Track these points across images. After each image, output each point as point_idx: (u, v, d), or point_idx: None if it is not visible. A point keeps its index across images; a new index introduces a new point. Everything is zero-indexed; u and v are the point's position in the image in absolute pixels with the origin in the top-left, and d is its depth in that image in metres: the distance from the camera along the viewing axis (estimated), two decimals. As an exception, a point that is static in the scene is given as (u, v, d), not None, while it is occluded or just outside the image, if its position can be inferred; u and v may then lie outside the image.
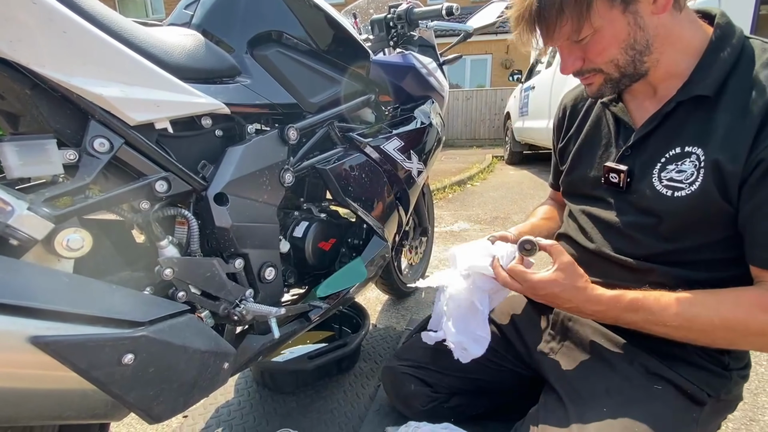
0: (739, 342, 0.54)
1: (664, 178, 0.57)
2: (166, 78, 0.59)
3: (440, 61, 1.35)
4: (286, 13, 0.80)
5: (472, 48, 10.41)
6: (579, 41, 0.55)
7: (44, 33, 0.45)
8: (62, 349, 0.39)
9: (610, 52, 0.55)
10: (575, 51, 0.57)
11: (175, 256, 0.61)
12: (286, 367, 1.10)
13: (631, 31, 0.53)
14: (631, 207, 0.62)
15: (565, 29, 0.53)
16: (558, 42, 0.57)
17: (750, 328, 0.51)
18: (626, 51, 0.55)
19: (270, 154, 0.74)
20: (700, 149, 0.54)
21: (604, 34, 0.53)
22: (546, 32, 0.55)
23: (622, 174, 0.62)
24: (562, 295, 0.58)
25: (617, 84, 0.59)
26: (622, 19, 0.52)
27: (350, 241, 1.02)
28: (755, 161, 0.49)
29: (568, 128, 0.77)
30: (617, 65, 0.56)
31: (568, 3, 0.51)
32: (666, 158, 0.58)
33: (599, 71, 0.58)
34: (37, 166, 0.47)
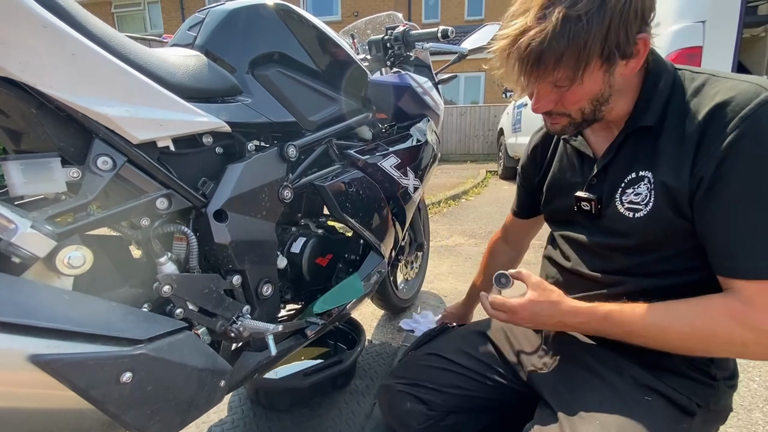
0: (713, 350, 0.57)
1: (625, 201, 0.62)
2: (169, 97, 0.60)
3: (435, 80, 1.38)
4: (286, 35, 0.82)
5: (466, 66, 10.63)
6: (559, 87, 0.58)
7: (53, 55, 0.46)
8: (62, 368, 0.39)
9: (582, 102, 0.59)
10: (551, 94, 0.60)
11: (174, 272, 0.61)
12: (280, 385, 1.08)
13: (602, 88, 0.58)
14: (601, 229, 0.67)
15: (555, 76, 0.55)
16: (541, 85, 0.59)
17: (718, 335, 0.53)
18: (592, 102, 0.60)
19: (269, 172, 0.75)
20: (650, 172, 0.59)
21: (584, 87, 0.57)
22: (536, 75, 0.56)
23: (592, 202, 0.67)
24: (542, 312, 0.63)
25: (578, 127, 0.64)
26: (601, 78, 0.57)
27: (347, 256, 1.02)
28: (697, 179, 0.54)
29: (541, 164, 0.83)
30: (582, 113, 0.61)
31: (569, 56, 0.52)
32: (625, 183, 0.63)
33: (567, 116, 0.62)
34: (40, 183, 0.47)
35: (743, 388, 1.19)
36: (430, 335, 0.93)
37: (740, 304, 0.52)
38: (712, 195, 0.53)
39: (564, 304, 0.63)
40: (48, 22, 0.46)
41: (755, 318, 0.51)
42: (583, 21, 0.50)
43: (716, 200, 0.53)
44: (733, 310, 0.52)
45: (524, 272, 0.68)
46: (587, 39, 0.51)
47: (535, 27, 0.52)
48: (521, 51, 0.54)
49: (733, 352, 0.57)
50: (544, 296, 0.64)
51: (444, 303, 1.84)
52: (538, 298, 0.64)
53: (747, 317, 0.51)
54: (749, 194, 0.51)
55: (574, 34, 0.51)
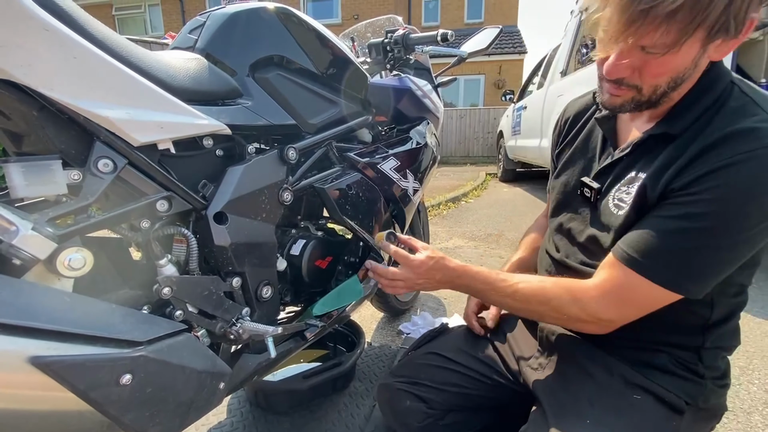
0: (546, 316, 0.65)
1: (616, 198, 0.62)
2: (170, 100, 0.60)
3: (435, 83, 1.39)
4: (286, 38, 0.82)
5: (466, 68, 10.66)
6: (649, 53, 0.50)
7: (55, 58, 0.47)
8: (62, 370, 0.39)
9: (663, 77, 0.52)
10: (635, 60, 0.52)
11: (174, 274, 0.62)
12: (280, 387, 1.08)
13: (689, 66, 0.51)
14: (593, 221, 0.67)
15: (655, 36, 0.47)
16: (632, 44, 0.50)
17: (553, 305, 0.62)
18: (670, 81, 0.53)
19: (269, 174, 0.75)
20: (644, 175, 0.58)
21: (675, 59, 0.50)
22: (638, 28, 0.47)
23: (593, 191, 0.66)
24: (434, 267, 0.70)
25: (638, 107, 0.57)
26: (695, 53, 0.50)
27: (347, 259, 1.02)
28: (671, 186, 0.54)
29: (566, 135, 0.80)
30: (654, 91, 0.54)
31: (681, 17, 0.45)
32: (623, 180, 0.62)
33: (637, 89, 0.55)
34: (42, 186, 0.47)
35: (743, 391, 1.19)
36: (430, 335, 0.93)
37: (586, 284, 0.60)
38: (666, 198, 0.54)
39: (447, 260, 0.70)
40: (49, 25, 0.46)
41: (588, 297, 0.59)
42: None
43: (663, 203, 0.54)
44: (574, 288, 0.61)
45: (413, 239, 0.75)
46: (710, 3, 0.44)
47: None
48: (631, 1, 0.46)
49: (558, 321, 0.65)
50: (434, 253, 0.71)
51: (443, 305, 1.84)
52: (431, 254, 0.70)
53: (581, 294, 0.59)
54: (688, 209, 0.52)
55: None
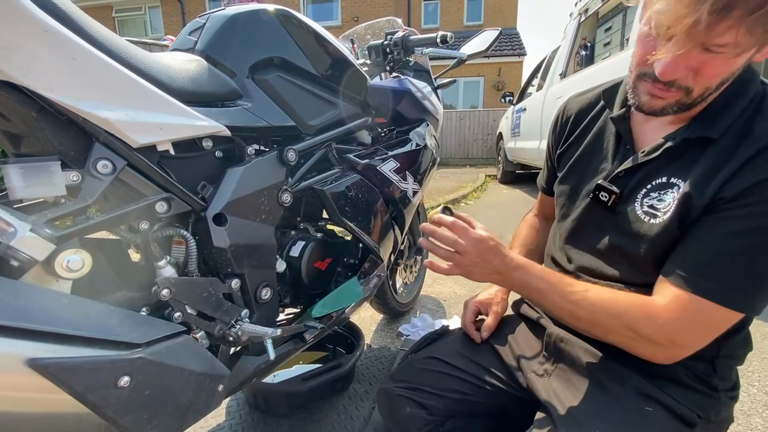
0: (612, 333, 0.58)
1: (646, 204, 0.59)
2: (169, 102, 0.60)
3: (435, 85, 1.39)
4: (286, 40, 0.82)
5: (466, 70, 10.69)
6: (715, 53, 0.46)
7: (54, 60, 0.47)
8: (60, 372, 0.39)
9: (719, 78, 0.50)
10: (693, 61, 0.48)
11: (173, 276, 0.61)
12: (279, 389, 1.08)
13: (740, 68, 0.49)
14: (612, 227, 0.63)
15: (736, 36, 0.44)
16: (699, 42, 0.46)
17: (623, 321, 0.55)
18: (721, 83, 0.51)
19: (269, 175, 0.75)
20: (682, 182, 0.55)
21: (736, 61, 0.47)
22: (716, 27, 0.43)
23: (614, 195, 0.62)
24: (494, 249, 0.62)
25: (681, 109, 0.54)
26: (747, 56, 0.47)
27: (346, 260, 1.02)
28: (717, 198, 0.51)
29: (569, 135, 0.76)
30: (703, 94, 0.52)
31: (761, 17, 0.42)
32: (652, 185, 0.59)
33: (686, 92, 0.52)
34: (40, 187, 0.47)
35: (743, 393, 1.19)
36: (430, 338, 0.93)
37: (656, 304, 0.54)
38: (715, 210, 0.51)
39: (506, 249, 0.63)
40: (49, 27, 0.46)
41: (664, 320, 0.53)
42: None
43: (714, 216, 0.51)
44: (648, 305, 0.54)
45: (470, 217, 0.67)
46: None
47: None
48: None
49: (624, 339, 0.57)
50: (492, 239, 0.63)
51: (443, 307, 1.84)
52: (491, 235, 0.63)
53: (657, 315, 0.53)
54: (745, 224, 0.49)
55: None
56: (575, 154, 0.73)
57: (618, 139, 0.66)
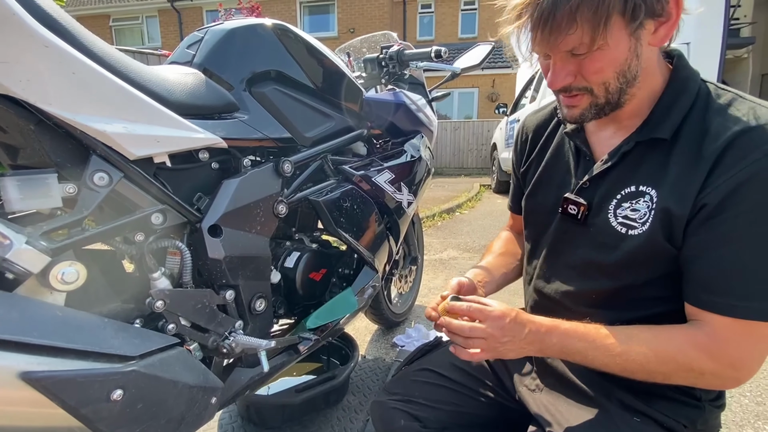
0: (673, 376, 0.55)
1: (620, 215, 0.58)
2: (166, 114, 0.61)
3: (429, 97, 1.41)
4: (283, 54, 0.84)
5: (460, 82, 10.82)
6: (578, 55, 0.51)
7: (54, 74, 0.47)
8: (53, 386, 0.39)
9: (605, 73, 0.52)
10: (569, 65, 0.53)
11: (167, 288, 0.61)
12: (272, 401, 1.07)
13: (629, 57, 0.51)
14: (586, 240, 0.62)
15: (571, 38, 0.48)
16: (556, 51, 0.51)
17: (680, 362, 0.53)
18: (618, 77, 0.52)
19: (264, 187, 0.76)
20: (653, 190, 0.55)
21: (607, 53, 0.49)
22: (549, 38, 0.48)
23: (582, 207, 0.62)
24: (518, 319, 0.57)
25: (600, 111, 0.56)
26: (626, 42, 0.49)
27: (341, 271, 1.03)
28: (699, 205, 0.50)
29: (530, 152, 0.77)
30: (607, 89, 0.53)
31: (584, 11, 0.46)
32: (622, 195, 0.58)
33: (589, 92, 0.55)
34: (37, 199, 0.48)
35: (735, 404, 1.19)
36: (423, 349, 0.92)
37: (704, 335, 0.52)
38: (711, 225, 0.50)
39: (531, 315, 0.58)
40: (50, 42, 0.47)
41: (719, 349, 0.51)
42: None
43: (713, 231, 0.50)
44: (697, 339, 0.52)
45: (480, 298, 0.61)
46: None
47: None
48: (533, 10, 0.47)
49: (688, 380, 0.55)
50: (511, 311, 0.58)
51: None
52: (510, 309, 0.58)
53: (710, 348, 0.51)
54: (748, 234, 0.48)
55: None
56: (538, 170, 0.73)
57: (577, 151, 0.67)
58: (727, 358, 0.52)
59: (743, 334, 0.51)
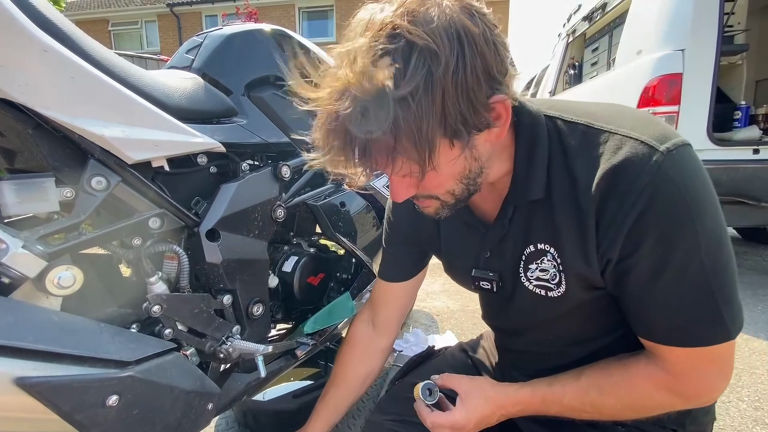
0: (645, 415, 0.56)
1: (532, 278, 0.56)
2: (165, 119, 0.61)
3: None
4: (282, 59, 0.84)
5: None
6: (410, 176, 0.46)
7: (53, 79, 0.47)
8: (47, 391, 0.38)
9: (446, 185, 0.50)
10: (406, 181, 0.49)
11: (164, 292, 0.61)
12: (269, 407, 1.06)
13: (467, 165, 0.48)
14: (513, 307, 0.61)
15: (397, 167, 0.44)
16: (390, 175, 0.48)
17: (648, 406, 0.53)
18: (461, 181, 0.50)
19: (263, 191, 0.76)
20: (552, 248, 0.54)
21: (442, 171, 0.46)
22: (371, 166, 0.44)
23: (493, 282, 0.61)
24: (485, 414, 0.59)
25: (454, 207, 0.54)
26: (460, 156, 0.47)
27: (339, 275, 1.02)
28: (604, 260, 0.49)
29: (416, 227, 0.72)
30: (453, 194, 0.52)
31: (404, 147, 0.41)
32: (525, 257, 0.56)
33: (435, 198, 0.53)
34: (34, 203, 0.47)
35: (733, 408, 1.19)
36: (416, 361, 0.91)
37: (663, 372, 0.51)
38: (622, 271, 0.49)
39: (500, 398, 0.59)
40: (49, 47, 0.47)
41: (680, 386, 0.51)
42: (409, 103, 0.39)
43: (626, 276, 0.49)
44: (658, 380, 0.52)
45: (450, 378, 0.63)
46: (419, 126, 0.40)
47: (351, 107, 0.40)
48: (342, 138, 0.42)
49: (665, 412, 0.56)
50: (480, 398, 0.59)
51: (435, 322, 1.83)
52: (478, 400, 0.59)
53: (672, 385, 0.51)
54: (658, 269, 0.47)
55: (401, 123, 0.40)
56: (441, 241, 0.69)
57: (466, 224, 0.64)
58: (691, 391, 0.52)
59: (697, 362, 0.50)
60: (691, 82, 2.01)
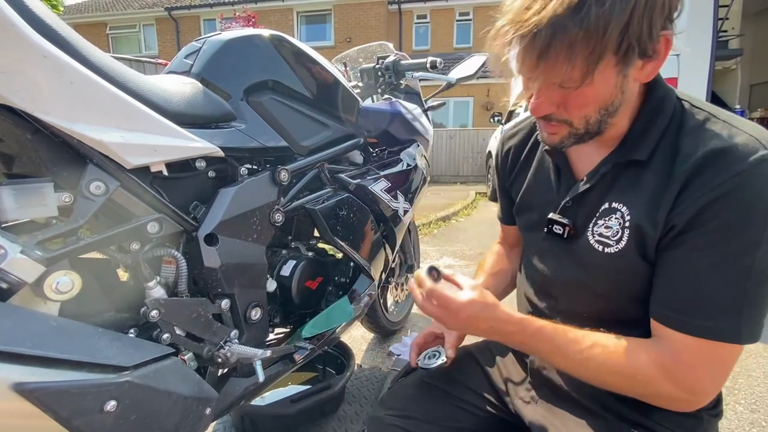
0: (626, 388, 0.55)
1: (596, 233, 0.58)
2: (164, 124, 0.62)
3: (425, 107, 1.43)
4: (280, 64, 0.85)
5: (455, 91, 10.91)
6: (564, 87, 0.50)
7: (52, 84, 0.48)
8: (46, 397, 0.38)
9: (588, 108, 0.52)
10: (554, 95, 0.52)
11: (162, 297, 0.61)
12: (267, 411, 1.06)
13: (614, 94, 0.51)
14: (572, 260, 0.62)
15: (562, 72, 0.47)
16: (546, 82, 0.51)
17: (638, 378, 0.53)
18: (600, 111, 0.52)
19: (261, 195, 0.76)
20: (624, 207, 0.55)
21: (593, 89, 0.49)
22: (539, 68, 0.48)
23: (567, 227, 0.62)
24: (479, 314, 0.57)
25: (579, 140, 0.56)
26: (614, 80, 0.49)
27: (337, 279, 1.03)
28: (669, 225, 0.51)
29: (511, 169, 0.77)
30: (587, 122, 0.54)
31: (580, 48, 0.45)
32: (599, 213, 0.58)
33: (568, 124, 0.55)
34: (32, 208, 0.47)
35: (730, 411, 1.20)
36: None
37: (669, 357, 0.52)
38: (677, 244, 0.51)
39: (499, 310, 0.58)
40: (48, 52, 0.48)
41: (681, 373, 0.51)
42: (604, 2, 0.42)
43: (680, 249, 0.50)
44: (661, 358, 0.52)
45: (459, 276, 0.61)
46: (606, 24, 0.43)
47: (543, 4, 0.44)
48: (525, 35, 0.45)
49: (642, 396, 0.55)
50: (482, 297, 0.58)
51: (434, 326, 1.83)
52: (478, 298, 0.57)
53: (672, 369, 0.51)
54: (711, 253, 0.48)
55: (591, 16, 0.43)
56: (522, 187, 0.73)
57: (558, 169, 0.67)
58: (687, 383, 0.51)
59: (704, 356, 0.50)
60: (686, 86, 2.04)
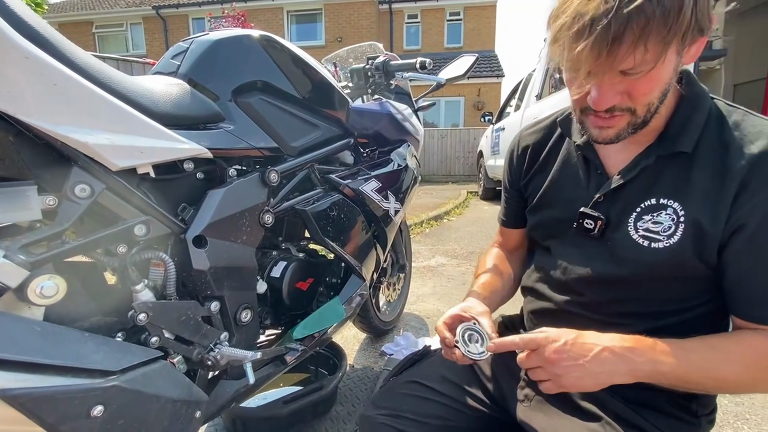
0: (760, 387, 0.54)
1: (641, 228, 0.57)
2: (150, 125, 0.61)
3: (415, 107, 1.43)
4: (269, 64, 0.84)
5: (446, 90, 10.98)
6: (629, 75, 0.48)
7: (35, 85, 0.47)
8: (30, 403, 0.38)
9: (653, 94, 0.50)
10: (619, 84, 0.50)
11: (150, 300, 0.61)
12: (258, 414, 1.05)
13: (673, 76, 0.50)
14: (603, 254, 0.61)
15: (637, 57, 0.45)
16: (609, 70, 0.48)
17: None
18: (660, 96, 0.51)
19: (250, 197, 0.76)
20: (677, 203, 0.55)
21: (660, 72, 0.48)
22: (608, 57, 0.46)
23: (599, 222, 0.61)
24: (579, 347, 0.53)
25: (636, 129, 0.54)
26: (674, 62, 0.48)
27: (328, 280, 1.02)
28: (736, 225, 0.51)
29: (529, 167, 0.76)
30: (648, 109, 0.52)
31: (657, 29, 0.43)
32: (641, 208, 0.58)
33: (631, 112, 0.53)
34: (15, 212, 0.47)
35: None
36: (412, 359, 0.92)
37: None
38: (756, 243, 0.50)
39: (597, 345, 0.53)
40: (30, 53, 0.47)
41: None
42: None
43: (760, 249, 0.50)
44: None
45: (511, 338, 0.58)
46: (681, 4, 0.42)
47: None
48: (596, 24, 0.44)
49: None
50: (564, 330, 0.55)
51: (426, 325, 1.84)
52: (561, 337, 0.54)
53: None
54: None
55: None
56: (543, 184, 0.72)
57: (586, 165, 0.67)
58: None
59: None
60: (672, 86, 2.07)
